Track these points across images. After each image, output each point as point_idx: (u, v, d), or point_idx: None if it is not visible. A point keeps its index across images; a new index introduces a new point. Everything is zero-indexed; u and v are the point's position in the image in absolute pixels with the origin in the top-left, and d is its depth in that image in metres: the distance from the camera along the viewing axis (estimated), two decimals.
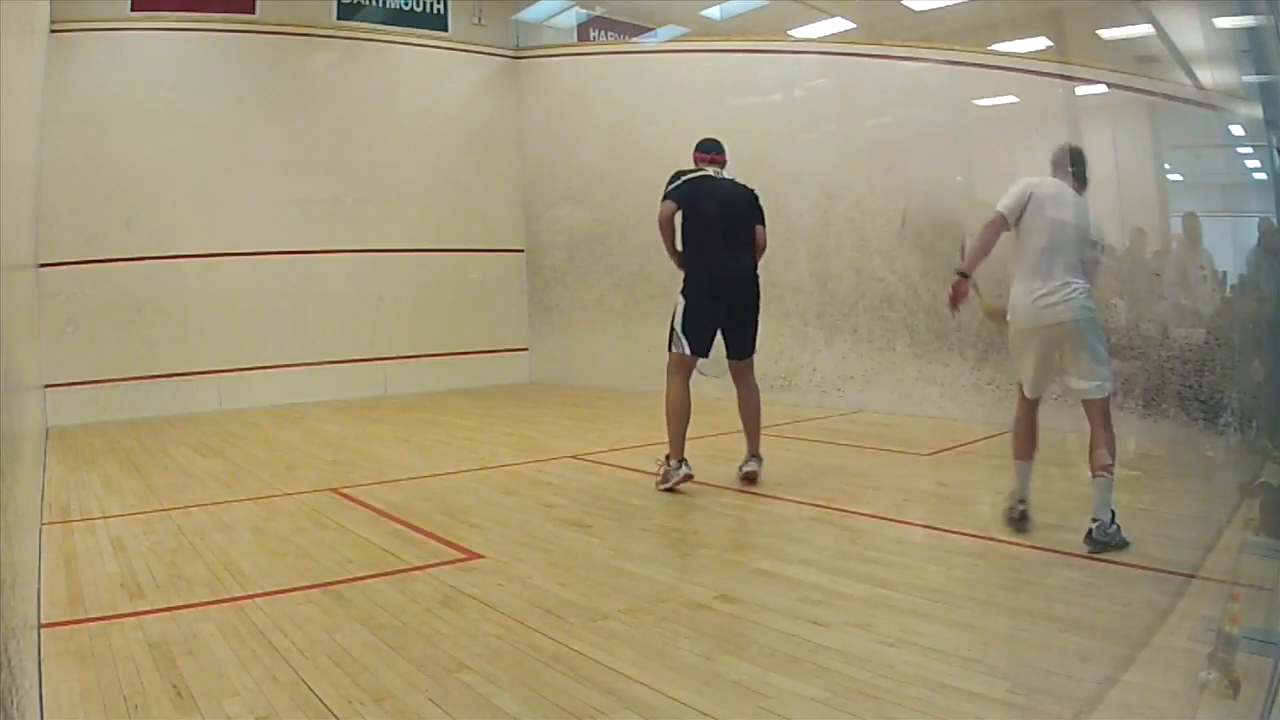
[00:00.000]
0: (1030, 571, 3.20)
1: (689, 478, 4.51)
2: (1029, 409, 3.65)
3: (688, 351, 4.55)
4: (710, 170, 4.70)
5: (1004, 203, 3.60)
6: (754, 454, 4.73)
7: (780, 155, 7.76)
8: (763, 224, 4.71)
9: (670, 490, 4.50)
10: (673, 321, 4.61)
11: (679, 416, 4.51)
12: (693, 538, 3.75)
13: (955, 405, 6.69)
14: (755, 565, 3.32)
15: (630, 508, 4.31)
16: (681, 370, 4.58)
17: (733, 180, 4.72)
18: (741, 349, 4.66)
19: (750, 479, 4.66)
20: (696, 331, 4.56)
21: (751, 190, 4.71)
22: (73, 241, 7.96)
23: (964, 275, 3.63)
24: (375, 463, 5.67)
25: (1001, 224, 3.59)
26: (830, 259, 7.59)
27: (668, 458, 4.55)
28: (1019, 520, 3.64)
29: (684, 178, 4.61)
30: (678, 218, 4.60)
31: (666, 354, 4.64)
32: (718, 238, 4.56)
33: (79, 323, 8.02)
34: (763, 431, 4.77)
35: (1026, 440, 3.66)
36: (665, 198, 4.58)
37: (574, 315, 10.17)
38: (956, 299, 3.64)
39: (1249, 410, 4.79)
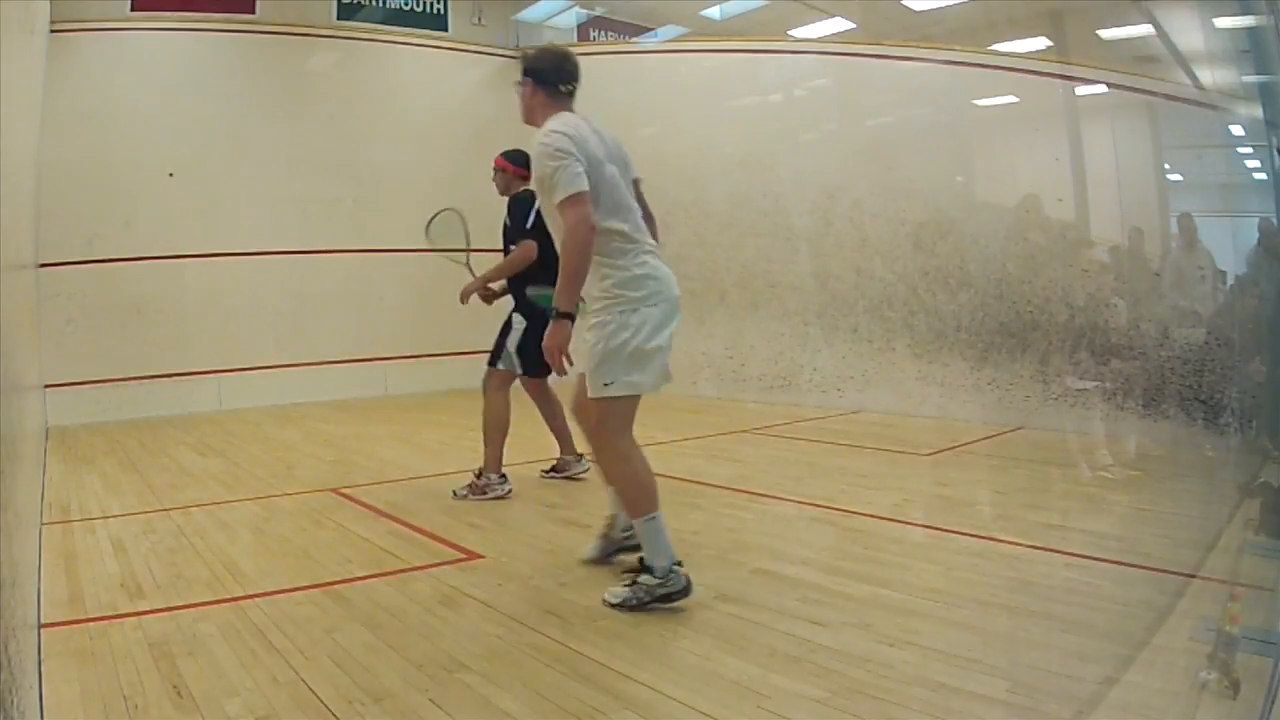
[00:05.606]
0: (1030, 571, 3.19)
1: None
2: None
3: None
4: None
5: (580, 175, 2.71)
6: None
7: (780, 155, 7.76)
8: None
9: None
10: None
11: None
12: (693, 538, 3.74)
13: (955, 405, 6.68)
14: (755, 565, 3.32)
15: None
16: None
17: None
18: None
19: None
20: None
21: None
22: (73, 241, 7.95)
23: None
24: (375, 463, 5.66)
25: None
26: (830, 259, 7.59)
27: None
28: None
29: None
30: None
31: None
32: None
33: (79, 323, 8.01)
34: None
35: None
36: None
37: None
38: None
39: (1249, 410, 4.79)
